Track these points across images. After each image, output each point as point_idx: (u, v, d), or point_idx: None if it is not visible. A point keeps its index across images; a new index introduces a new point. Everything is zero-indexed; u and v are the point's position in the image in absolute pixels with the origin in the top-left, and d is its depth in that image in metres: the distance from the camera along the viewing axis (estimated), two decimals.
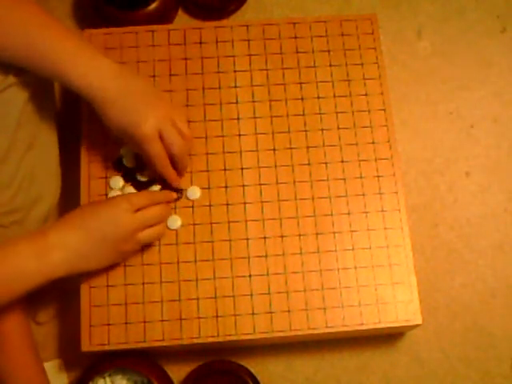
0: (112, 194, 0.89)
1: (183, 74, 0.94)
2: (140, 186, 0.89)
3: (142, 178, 0.89)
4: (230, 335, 0.84)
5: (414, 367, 0.95)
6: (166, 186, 0.88)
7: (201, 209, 0.89)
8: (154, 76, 0.94)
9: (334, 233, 0.88)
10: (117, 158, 0.90)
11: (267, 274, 0.86)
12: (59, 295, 0.95)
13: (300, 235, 0.88)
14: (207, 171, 0.90)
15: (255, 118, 0.93)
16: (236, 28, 0.97)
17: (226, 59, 0.95)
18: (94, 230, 0.77)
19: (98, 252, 0.78)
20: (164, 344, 0.83)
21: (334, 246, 0.88)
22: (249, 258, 0.87)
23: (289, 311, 0.85)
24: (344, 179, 0.90)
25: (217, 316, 0.85)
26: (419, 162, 1.04)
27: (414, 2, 1.13)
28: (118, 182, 0.89)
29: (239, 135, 0.92)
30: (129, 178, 0.90)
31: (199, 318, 0.84)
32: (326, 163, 0.91)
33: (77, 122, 0.92)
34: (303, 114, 0.93)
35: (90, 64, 0.77)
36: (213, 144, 0.91)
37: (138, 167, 0.90)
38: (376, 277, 0.87)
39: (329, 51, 0.96)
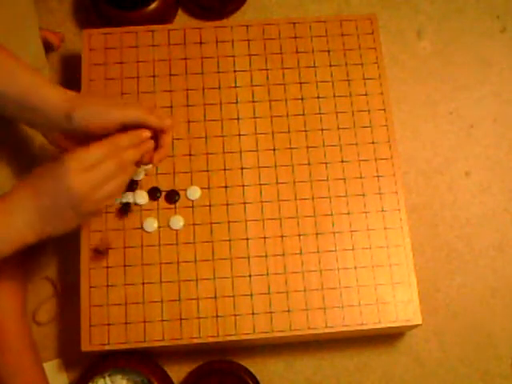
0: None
1: (183, 73, 0.94)
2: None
3: (135, 177, 0.89)
4: (229, 335, 0.84)
5: (414, 367, 0.95)
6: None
7: (201, 209, 0.89)
8: (153, 76, 0.94)
9: (334, 233, 0.88)
10: None
11: (267, 274, 0.86)
12: (59, 295, 0.95)
13: (300, 235, 0.88)
14: (207, 171, 0.90)
15: (255, 118, 0.93)
16: (236, 28, 0.97)
17: (225, 59, 0.95)
18: (49, 196, 0.72)
19: (58, 216, 0.73)
20: (164, 344, 0.83)
21: (334, 245, 0.88)
22: (249, 258, 0.87)
23: (289, 311, 0.85)
24: (344, 179, 0.90)
25: (217, 316, 0.85)
26: (419, 162, 1.04)
27: (413, 2, 1.13)
28: None
29: (239, 135, 0.92)
30: None
31: (199, 317, 0.84)
32: (325, 163, 0.91)
33: None
34: (303, 114, 0.93)
35: (62, 90, 0.75)
36: (213, 144, 0.91)
37: None
38: (376, 277, 0.87)
39: (329, 51, 0.96)
